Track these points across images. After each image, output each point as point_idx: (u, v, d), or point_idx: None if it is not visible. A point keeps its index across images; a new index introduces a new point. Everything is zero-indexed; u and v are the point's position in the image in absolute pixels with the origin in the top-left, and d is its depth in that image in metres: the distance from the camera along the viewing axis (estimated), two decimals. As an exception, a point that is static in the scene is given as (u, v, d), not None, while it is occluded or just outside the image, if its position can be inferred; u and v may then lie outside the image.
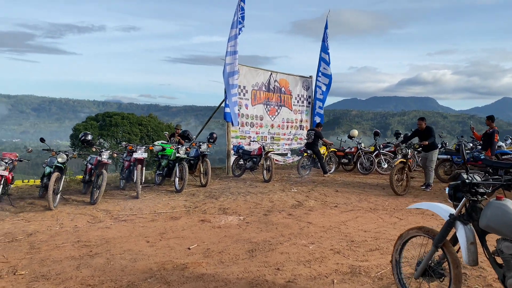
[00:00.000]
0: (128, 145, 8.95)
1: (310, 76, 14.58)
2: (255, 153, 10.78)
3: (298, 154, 12.89)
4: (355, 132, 12.91)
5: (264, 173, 10.37)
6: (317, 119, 14.19)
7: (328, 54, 14.23)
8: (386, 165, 11.78)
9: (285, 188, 9.22)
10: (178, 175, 8.71)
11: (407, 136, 9.84)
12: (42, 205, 7.11)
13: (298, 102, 14.24)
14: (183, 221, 6.18)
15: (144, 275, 3.94)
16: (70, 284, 3.73)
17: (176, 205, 7.33)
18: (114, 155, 8.27)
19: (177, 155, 8.82)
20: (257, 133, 12.80)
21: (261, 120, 12.98)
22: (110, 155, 7.85)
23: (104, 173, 7.39)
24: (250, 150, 11.20)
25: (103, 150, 7.72)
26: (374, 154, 12.06)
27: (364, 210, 7.07)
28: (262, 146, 10.62)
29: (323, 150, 11.85)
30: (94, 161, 7.86)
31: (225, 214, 6.66)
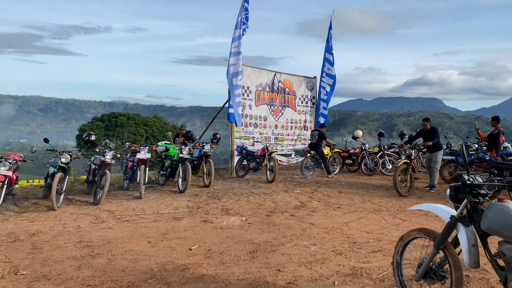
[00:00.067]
0: (132, 146, 8.98)
1: (314, 77, 14.55)
2: (259, 154, 10.75)
3: (302, 155, 12.86)
4: (359, 133, 12.87)
5: (268, 174, 10.34)
6: (321, 120, 14.15)
7: (332, 55, 14.20)
8: (391, 166, 11.73)
9: (288, 189, 9.19)
10: (181, 176, 8.72)
11: (412, 137, 9.78)
12: (46, 205, 7.14)
13: (302, 103, 14.20)
14: (185, 222, 6.17)
15: (145, 276, 3.94)
16: (71, 284, 3.73)
17: (179, 206, 7.33)
18: (118, 156, 8.30)
19: (180, 156, 8.82)
20: (261, 134, 12.79)
21: (265, 121, 12.97)
22: (114, 156, 7.87)
23: (107, 174, 7.41)
24: (254, 151, 11.17)
25: (107, 151, 7.75)
26: (379, 155, 12.00)
27: (368, 211, 7.03)
28: (266, 147, 10.59)
29: (327, 151, 11.81)
30: (98, 162, 7.91)
31: (228, 215, 6.65)
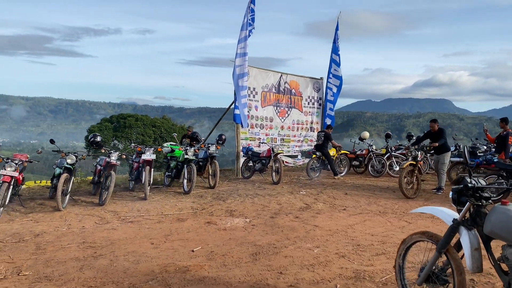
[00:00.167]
0: (137, 147, 9.00)
1: (321, 78, 14.48)
2: (264, 155, 10.72)
3: (308, 156, 12.80)
4: (366, 134, 12.77)
5: (273, 175, 10.30)
6: (328, 121, 14.07)
7: (339, 56, 14.11)
8: (398, 168, 11.62)
9: (294, 191, 9.15)
10: (187, 177, 8.71)
11: (419, 138, 9.68)
12: (52, 206, 7.19)
13: (309, 104, 14.15)
14: (189, 223, 6.17)
15: (146, 277, 3.94)
16: (72, 285, 3.74)
17: (184, 207, 7.34)
18: (123, 157, 8.33)
19: (186, 157, 8.83)
20: (267, 135, 12.76)
21: (271, 122, 12.93)
22: (119, 157, 7.90)
23: (113, 174, 7.44)
24: (259, 152, 11.14)
25: (112, 152, 7.78)
26: (386, 157, 11.90)
27: (373, 213, 6.97)
28: (271, 148, 10.55)
29: (333, 152, 11.74)
30: (103, 163, 7.94)
31: (232, 216, 6.63)
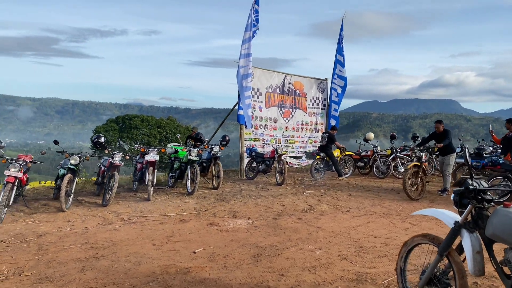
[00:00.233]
0: (141, 147, 9.01)
1: (326, 79, 14.44)
2: (268, 156, 10.69)
3: (312, 157, 12.76)
4: (371, 135, 12.71)
5: (277, 176, 10.27)
6: (333, 122, 14.02)
7: (343, 56, 14.06)
8: (403, 169, 11.53)
9: (297, 192, 9.11)
10: (190, 178, 8.71)
11: (424, 139, 9.61)
12: (56, 207, 7.22)
13: (313, 105, 14.11)
14: (192, 224, 6.16)
15: (147, 279, 3.93)
16: (73, 286, 3.74)
17: (187, 208, 7.33)
18: (127, 158, 8.35)
19: (189, 158, 8.83)
20: (271, 136, 12.74)
21: (275, 123, 12.91)
22: (122, 158, 7.92)
23: (116, 175, 7.46)
24: (263, 153, 11.12)
25: (115, 152, 7.80)
26: (391, 158, 11.83)
27: (377, 215, 6.92)
28: (275, 149, 10.52)
29: (337, 153, 11.68)
30: (107, 163, 7.96)
31: (235, 218, 6.62)
